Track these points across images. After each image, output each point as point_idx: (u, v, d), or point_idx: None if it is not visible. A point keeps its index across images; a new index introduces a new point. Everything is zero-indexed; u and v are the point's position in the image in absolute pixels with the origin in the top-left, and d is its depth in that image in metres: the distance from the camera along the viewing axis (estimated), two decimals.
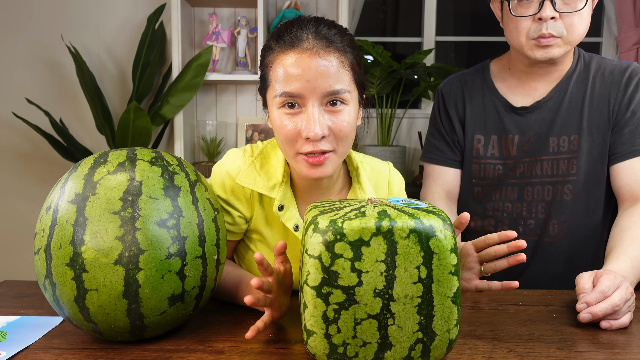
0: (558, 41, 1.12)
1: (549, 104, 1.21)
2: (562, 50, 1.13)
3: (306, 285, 0.67)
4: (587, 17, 1.13)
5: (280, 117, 0.88)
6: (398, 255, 0.66)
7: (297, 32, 0.88)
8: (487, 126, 1.26)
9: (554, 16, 1.09)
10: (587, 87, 1.19)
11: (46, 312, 0.93)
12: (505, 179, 1.24)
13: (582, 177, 1.18)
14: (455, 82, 1.32)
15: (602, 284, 0.87)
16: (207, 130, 2.53)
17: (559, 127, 1.19)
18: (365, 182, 1.02)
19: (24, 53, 2.57)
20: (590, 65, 1.21)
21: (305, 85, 0.85)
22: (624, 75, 1.18)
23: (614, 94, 1.18)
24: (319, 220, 0.68)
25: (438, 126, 1.32)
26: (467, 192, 1.30)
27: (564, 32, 1.11)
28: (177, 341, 0.80)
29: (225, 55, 2.57)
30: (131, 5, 2.55)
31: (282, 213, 0.97)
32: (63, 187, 0.76)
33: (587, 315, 0.85)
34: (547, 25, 1.10)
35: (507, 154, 1.24)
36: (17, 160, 2.64)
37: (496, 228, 1.26)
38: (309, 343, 0.69)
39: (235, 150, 1.02)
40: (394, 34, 3.01)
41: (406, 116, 2.71)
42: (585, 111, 1.18)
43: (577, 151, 1.18)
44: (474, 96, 1.28)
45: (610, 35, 2.73)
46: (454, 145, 1.30)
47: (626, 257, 0.98)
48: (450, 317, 0.68)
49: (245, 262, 1.07)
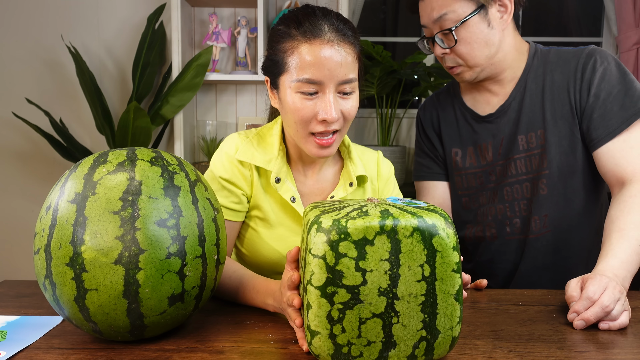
0: (462, 69, 1.21)
1: (512, 104, 1.23)
2: (472, 73, 1.21)
3: (310, 285, 0.67)
4: (478, 38, 1.16)
5: (295, 100, 0.96)
6: (402, 254, 0.66)
7: (318, 22, 0.95)
8: (462, 139, 1.31)
9: (444, 52, 1.20)
10: (545, 80, 1.21)
11: (46, 312, 0.93)
12: (486, 184, 1.27)
13: (555, 169, 1.19)
14: (429, 102, 1.40)
15: (588, 290, 0.87)
16: (207, 130, 2.53)
17: (525, 125, 1.21)
18: (356, 157, 1.11)
19: (24, 53, 2.57)
20: (547, 58, 1.22)
21: (325, 73, 0.93)
22: (579, 60, 1.17)
23: (572, 81, 1.17)
24: (322, 219, 0.68)
25: (421, 145, 1.41)
26: (456, 203, 1.34)
27: (461, 61, 1.20)
28: (177, 341, 0.80)
29: (225, 55, 2.57)
30: (131, 5, 2.55)
31: (279, 185, 1.04)
32: (63, 187, 0.76)
33: (580, 323, 0.86)
34: (445, 60, 1.22)
35: (484, 161, 1.27)
36: (17, 160, 2.64)
37: (484, 232, 1.29)
38: (313, 344, 0.69)
39: (230, 135, 1.10)
40: (394, 34, 3.01)
41: (406, 116, 2.71)
42: (547, 104, 1.20)
43: (546, 145, 1.19)
44: (447, 113, 1.35)
45: (610, 35, 2.73)
46: (438, 159, 1.37)
47: (615, 253, 0.97)
48: (453, 315, 0.68)
49: (245, 243, 1.10)
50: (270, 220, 1.07)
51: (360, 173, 1.09)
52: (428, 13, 1.18)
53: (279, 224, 1.07)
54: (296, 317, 0.76)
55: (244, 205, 1.06)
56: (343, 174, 1.10)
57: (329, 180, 1.11)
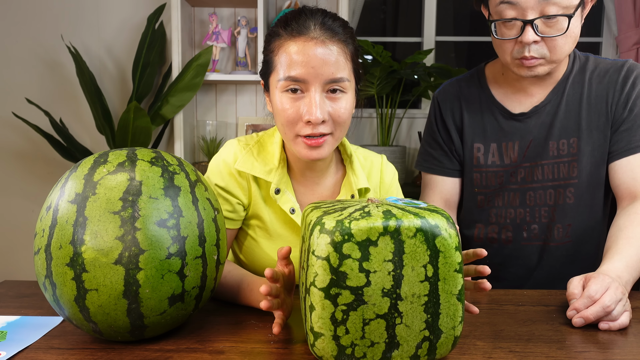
0: (541, 61, 1.10)
1: (547, 107, 1.19)
2: (546, 68, 1.12)
3: (314, 287, 0.66)
4: (575, 32, 1.09)
5: (283, 100, 0.93)
6: (405, 255, 0.66)
7: (304, 21, 0.92)
8: (486, 134, 1.24)
9: (535, 40, 1.07)
10: (583, 88, 1.18)
11: (46, 312, 0.92)
12: (507, 184, 1.23)
13: (585, 179, 1.17)
14: (450, 89, 1.30)
15: (590, 289, 0.87)
16: (207, 130, 2.53)
17: (558, 131, 1.18)
18: (358, 168, 1.07)
19: (24, 53, 2.57)
20: (586, 66, 1.20)
21: (309, 71, 0.90)
22: (620, 74, 1.16)
23: (612, 93, 1.16)
24: (324, 220, 0.67)
25: (435, 135, 1.31)
26: (470, 200, 1.29)
27: (547, 54, 1.09)
28: (177, 341, 0.80)
29: (225, 55, 2.57)
30: (131, 5, 2.55)
31: (279, 196, 1.01)
32: (63, 187, 0.76)
33: (579, 320, 0.85)
34: (529, 48, 1.08)
35: (507, 160, 1.22)
36: (17, 160, 2.64)
37: (499, 234, 1.25)
38: (316, 345, 0.68)
39: (230, 141, 1.07)
40: (394, 34, 3.01)
41: (406, 116, 2.71)
42: (584, 113, 1.17)
43: (577, 154, 1.17)
44: (471, 104, 1.26)
45: (610, 35, 2.73)
46: (452, 154, 1.29)
47: (621, 256, 0.97)
48: (455, 315, 0.68)
49: (244, 250, 1.09)
50: (270, 230, 1.05)
51: (362, 186, 1.05)
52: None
53: (278, 235, 1.05)
54: (276, 308, 0.79)
55: (238, 214, 1.04)
56: (344, 184, 1.07)
57: (330, 190, 1.08)
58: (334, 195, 1.08)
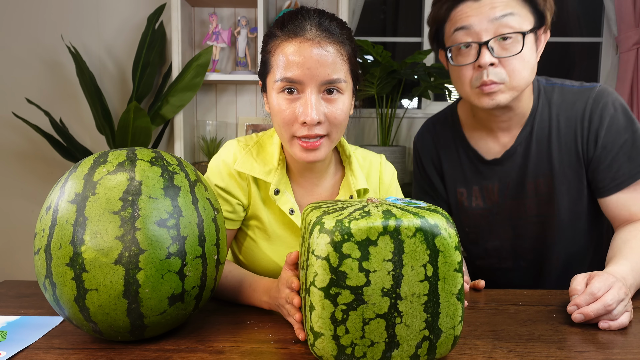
0: (501, 87, 1.06)
1: (519, 150, 1.17)
2: (507, 96, 1.08)
3: (313, 286, 0.67)
4: (531, 59, 1.07)
5: (279, 101, 0.93)
6: (405, 254, 0.66)
7: (300, 22, 0.92)
8: (466, 178, 1.24)
9: (492, 62, 1.04)
10: (551, 126, 1.15)
11: (46, 312, 0.92)
12: (495, 222, 1.23)
13: (565, 215, 1.17)
14: (427, 135, 1.31)
15: (593, 286, 0.87)
16: (207, 130, 2.53)
17: (532, 172, 1.17)
18: (357, 169, 1.07)
19: (24, 53, 2.57)
20: (552, 100, 1.16)
21: (305, 72, 0.89)
22: (586, 106, 1.12)
23: (579, 130, 1.13)
24: (324, 220, 0.67)
25: (420, 183, 1.33)
26: (462, 237, 1.30)
27: (506, 78, 1.06)
28: (177, 341, 0.80)
29: (225, 55, 2.57)
30: (131, 5, 2.55)
31: (278, 197, 1.01)
32: (63, 187, 0.76)
33: (579, 316, 0.86)
34: (487, 72, 1.05)
35: (489, 202, 1.23)
36: (17, 160, 2.64)
37: (500, 264, 1.27)
38: (316, 345, 0.68)
39: (229, 141, 1.06)
40: (394, 34, 3.01)
41: (406, 116, 2.72)
42: (555, 153, 1.15)
43: (554, 193, 1.16)
44: (448, 149, 1.26)
45: (610, 35, 2.73)
46: (439, 200, 1.31)
47: (627, 261, 0.97)
48: (455, 314, 0.68)
49: (243, 251, 1.09)
50: (269, 231, 1.05)
51: (361, 186, 1.05)
52: (485, 12, 1.03)
53: (277, 236, 1.05)
54: (295, 312, 0.78)
55: (238, 215, 1.04)
56: (343, 185, 1.07)
57: (329, 191, 1.08)
58: (332, 196, 1.08)
